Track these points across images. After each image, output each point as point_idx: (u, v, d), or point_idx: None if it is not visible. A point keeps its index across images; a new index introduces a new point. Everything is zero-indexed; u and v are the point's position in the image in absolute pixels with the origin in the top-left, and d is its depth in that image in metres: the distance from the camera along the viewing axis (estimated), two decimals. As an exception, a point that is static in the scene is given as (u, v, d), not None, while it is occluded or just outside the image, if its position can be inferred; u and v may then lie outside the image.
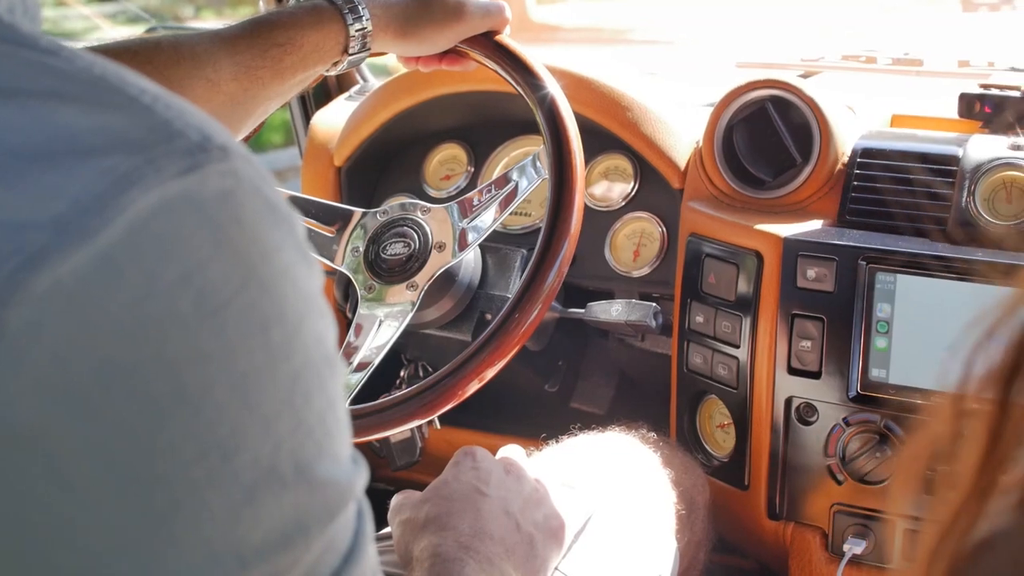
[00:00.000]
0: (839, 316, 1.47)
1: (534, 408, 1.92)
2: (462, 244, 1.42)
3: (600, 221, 1.80)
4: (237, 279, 0.48)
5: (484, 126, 1.95)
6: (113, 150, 0.47)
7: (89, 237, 0.45)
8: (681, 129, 1.75)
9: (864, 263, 1.45)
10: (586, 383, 1.95)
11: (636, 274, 1.79)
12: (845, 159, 1.59)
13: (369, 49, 1.34)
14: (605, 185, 1.83)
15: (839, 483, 1.51)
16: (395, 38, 1.36)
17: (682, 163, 1.73)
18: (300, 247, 0.53)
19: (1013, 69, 1.69)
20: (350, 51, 1.32)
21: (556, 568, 1.22)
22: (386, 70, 2.18)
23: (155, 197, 0.46)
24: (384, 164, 2.01)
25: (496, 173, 1.88)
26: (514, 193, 1.41)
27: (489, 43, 1.41)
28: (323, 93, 2.21)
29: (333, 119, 2.04)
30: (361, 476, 0.57)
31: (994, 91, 1.56)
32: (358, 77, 2.23)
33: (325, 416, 0.53)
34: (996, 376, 0.47)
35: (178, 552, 0.47)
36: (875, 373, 1.45)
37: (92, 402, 0.45)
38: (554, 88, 1.36)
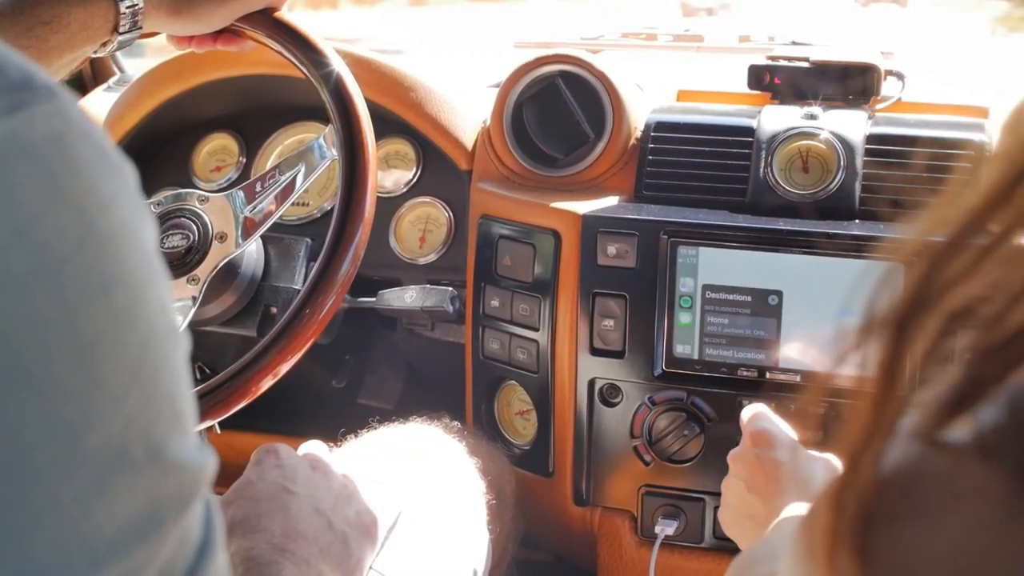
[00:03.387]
0: (642, 293, 1.44)
1: (320, 406, 1.84)
2: (246, 233, 1.34)
3: (382, 208, 1.73)
4: (75, 234, 0.42)
5: (255, 114, 1.86)
6: None
7: None
8: (467, 109, 1.71)
9: (666, 237, 1.42)
10: (373, 377, 1.89)
11: (423, 261, 1.73)
12: (638, 134, 1.57)
13: (140, 28, 1.25)
14: (382, 172, 1.76)
15: (646, 464, 1.49)
16: (167, 16, 1.27)
17: (469, 144, 1.68)
18: (136, 201, 0.47)
19: (794, 43, 1.70)
20: (120, 30, 1.23)
21: (370, 567, 1.15)
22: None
23: None
24: (149, 157, 1.90)
25: (270, 163, 1.80)
26: (298, 178, 1.34)
27: (268, 20, 1.33)
28: (78, 86, 2.09)
29: (92, 111, 1.93)
30: (210, 461, 0.51)
31: (782, 62, 1.56)
32: (115, 68, 2.12)
33: (173, 392, 0.48)
34: (891, 319, 0.47)
35: (21, 554, 0.40)
36: (680, 349, 1.43)
37: None
38: (339, 65, 1.30)
